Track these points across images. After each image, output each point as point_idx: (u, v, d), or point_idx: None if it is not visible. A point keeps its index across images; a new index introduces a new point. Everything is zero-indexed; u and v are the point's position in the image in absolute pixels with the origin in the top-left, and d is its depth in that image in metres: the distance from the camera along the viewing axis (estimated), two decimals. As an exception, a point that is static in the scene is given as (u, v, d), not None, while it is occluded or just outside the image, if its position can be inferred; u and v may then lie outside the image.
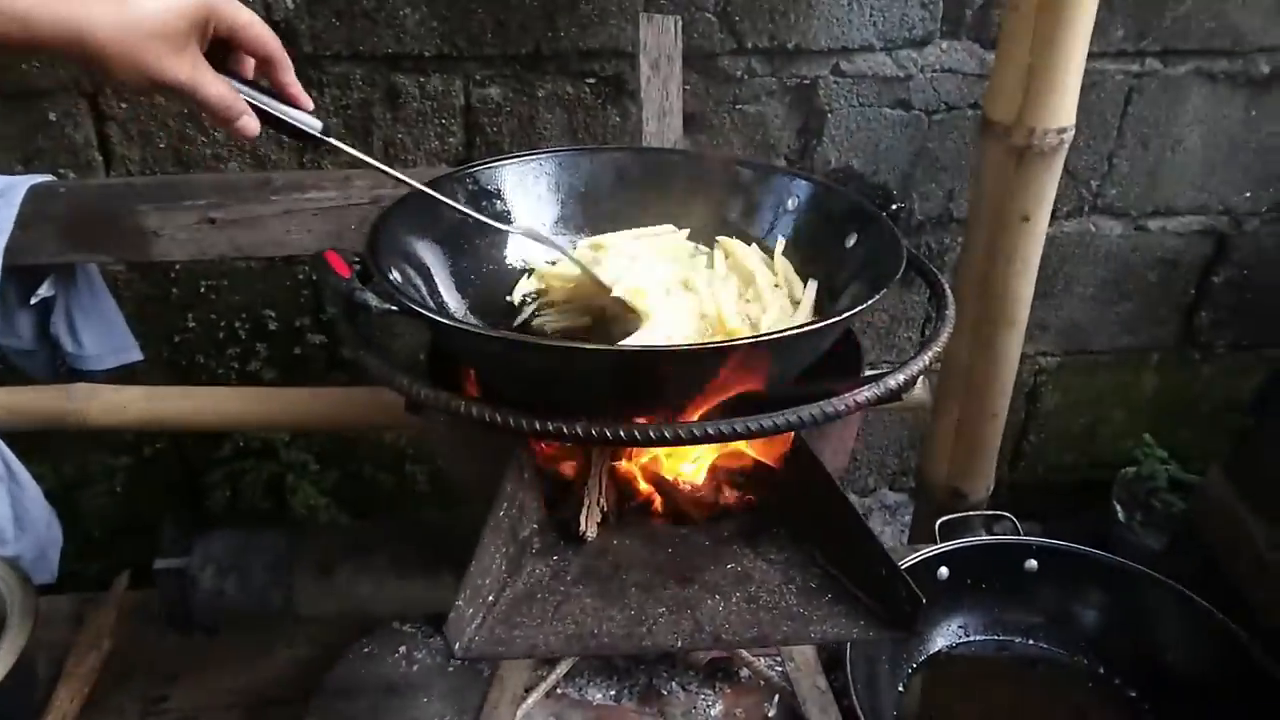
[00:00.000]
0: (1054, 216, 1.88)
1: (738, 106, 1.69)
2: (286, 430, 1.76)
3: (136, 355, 1.50)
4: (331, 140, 0.82)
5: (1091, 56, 1.69)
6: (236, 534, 1.09)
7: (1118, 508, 2.14)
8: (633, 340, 0.83)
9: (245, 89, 0.76)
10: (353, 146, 0.85)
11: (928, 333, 0.93)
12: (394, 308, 0.81)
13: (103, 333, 1.45)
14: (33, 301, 1.38)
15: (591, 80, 1.63)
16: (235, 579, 1.06)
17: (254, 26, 0.73)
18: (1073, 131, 1.23)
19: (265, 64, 0.77)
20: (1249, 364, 2.14)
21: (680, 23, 1.31)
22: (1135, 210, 1.92)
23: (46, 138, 1.57)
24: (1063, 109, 1.20)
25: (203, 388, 1.48)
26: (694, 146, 1.64)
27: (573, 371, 0.77)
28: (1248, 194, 1.93)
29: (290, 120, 0.79)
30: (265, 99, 0.78)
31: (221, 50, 0.74)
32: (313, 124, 0.81)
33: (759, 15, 1.61)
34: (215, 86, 0.71)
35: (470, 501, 0.99)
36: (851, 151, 1.75)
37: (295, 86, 0.79)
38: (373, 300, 0.80)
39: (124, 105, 1.55)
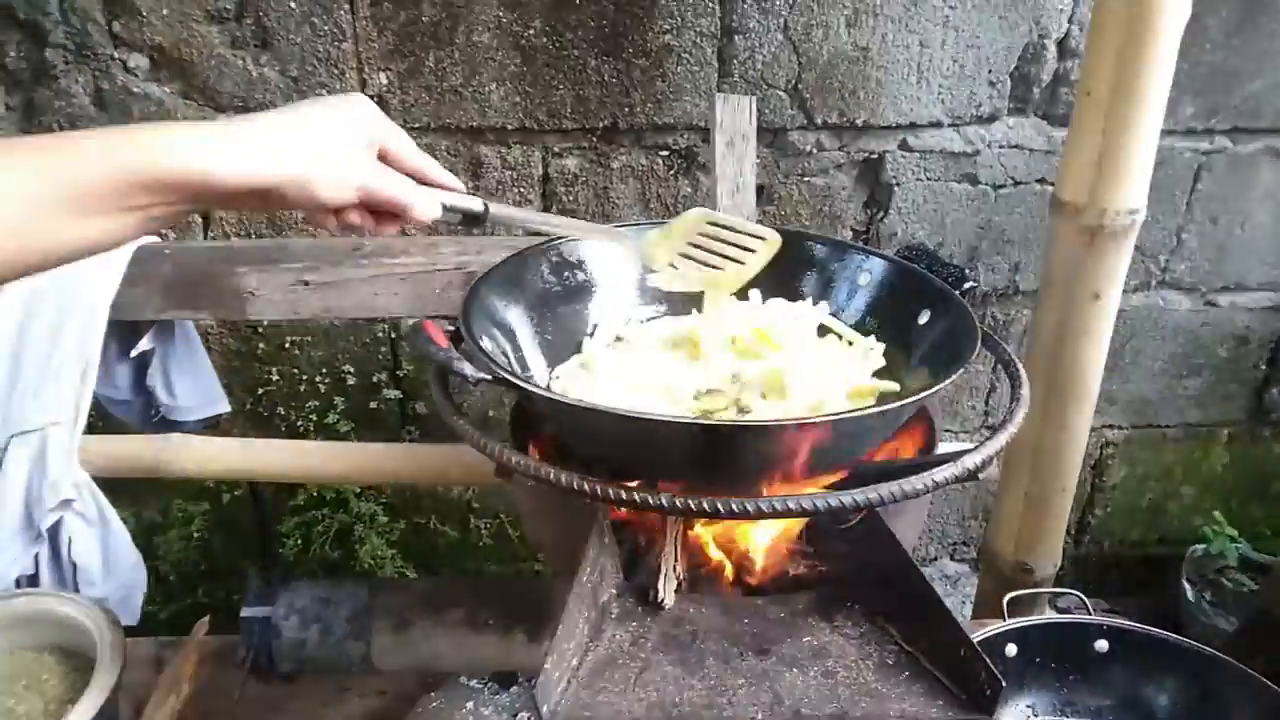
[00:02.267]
0: (1124, 291, 1.89)
1: (806, 179, 1.73)
2: (362, 483, 1.81)
3: (224, 408, 1.57)
4: (492, 211, 0.85)
5: (1161, 134, 1.72)
6: (319, 585, 1.14)
7: (1187, 586, 2.09)
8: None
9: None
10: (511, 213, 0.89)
11: (991, 402, 0.94)
12: (488, 377, 0.85)
13: (195, 386, 1.52)
14: (132, 355, 1.46)
15: (665, 153, 1.69)
16: (317, 629, 1.11)
17: (407, 146, 0.79)
18: (1144, 212, 1.25)
19: (419, 174, 0.81)
20: (1326, 440, 2.09)
21: (755, 102, 1.36)
22: (1204, 285, 1.92)
23: (150, 200, 1.66)
24: (1134, 191, 1.22)
25: (287, 441, 1.55)
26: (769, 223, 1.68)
27: (654, 440, 0.80)
28: (1320, 271, 1.91)
29: (458, 205, 0.82)
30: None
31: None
32: (474, 205, 0.84)
33: (829, 93, 1.66)
34: (394, 180, 0.75)
35: (548, 558, 1.02)
36: (918, 224, 1.78)
37: (451, 180, 0.83)
38: (469, 370, 0.84)
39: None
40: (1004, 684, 0.68)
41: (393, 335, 1.79)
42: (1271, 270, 1.90)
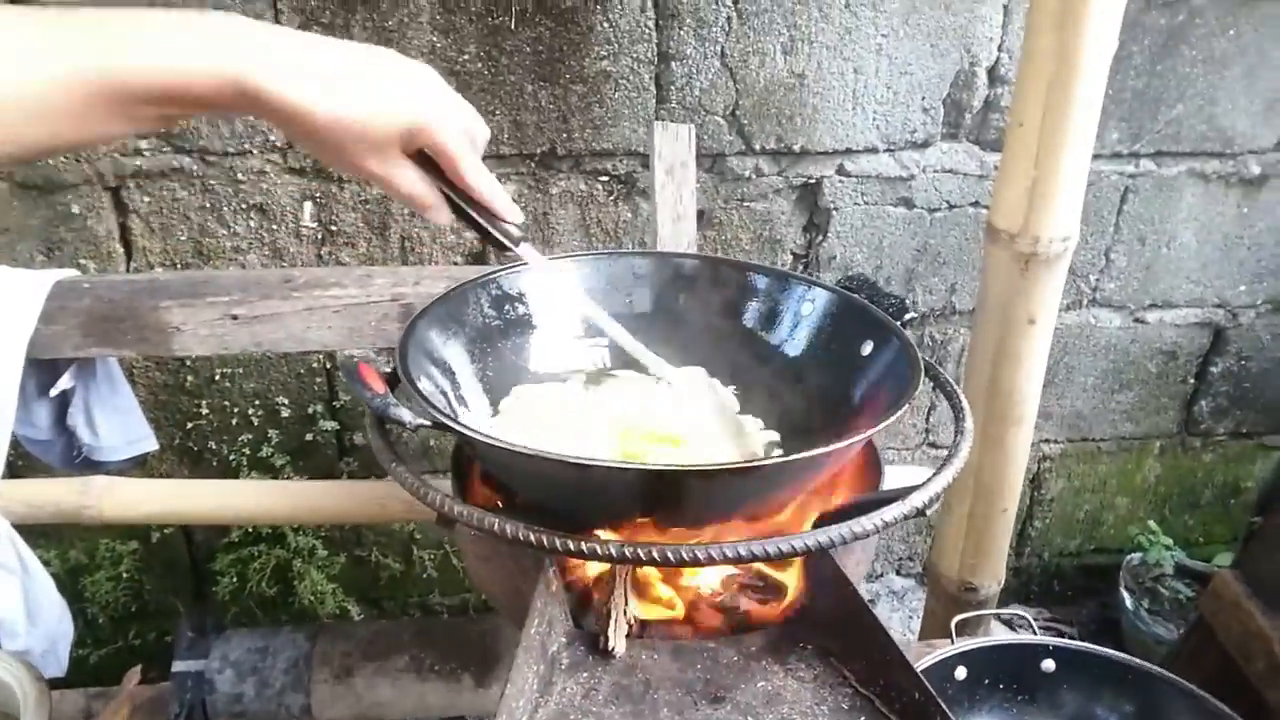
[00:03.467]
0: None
1: (745, 204, 1.74)
2: (298, 523, 1.76)
3: (152, 445, 1.50)
4: (519, 250, 0.84)
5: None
6: (255, 635, 1.09)
7: (1125, 595, 2.15)
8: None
9: (449, 189, 0.78)
10: (535, 254, 0.87)
11: (931, 420, 0.95)
12: (427, 423, 0.82)
13: (119, 424, 1.46)
14: (52, 394, 1.39)
15: (604, 178, 1.68)
16: (254, 682, 1.06)
17: (453, 157, 0.75)
18: (1076, 238, 1.27)
19: (462, 184, 0.78)
20: (1250, 451, 2.17)
21: (694, 130, 1.35)
22: (1133, 304, 1.97)
23: (69, 229, 1.60)
24: (1067, 218, 1.24)
25: (217, 481, 1.50)
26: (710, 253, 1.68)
27: (603, 486, 0.79)
28: (1242, 288, 1.98)
29: (486, 226, 0.81)
30: (465, 203, 0.80)
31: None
32: (513, 234, 0.83)
33: (766, 119, 1.66)
34: (405, 182, 0.74)
35: (495, 604, 0.99)
36: (856, 247, 1.80)
37: (501, 201, 0.81)
38: (406, 416, 0.81)
39: (147, 199, 1.59)
40: (956, 727, 0.68)
41: (327, 366, 1.75)
42: (1196, 288, 1.97)
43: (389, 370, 0.92)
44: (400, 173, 0.74)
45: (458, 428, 0.81)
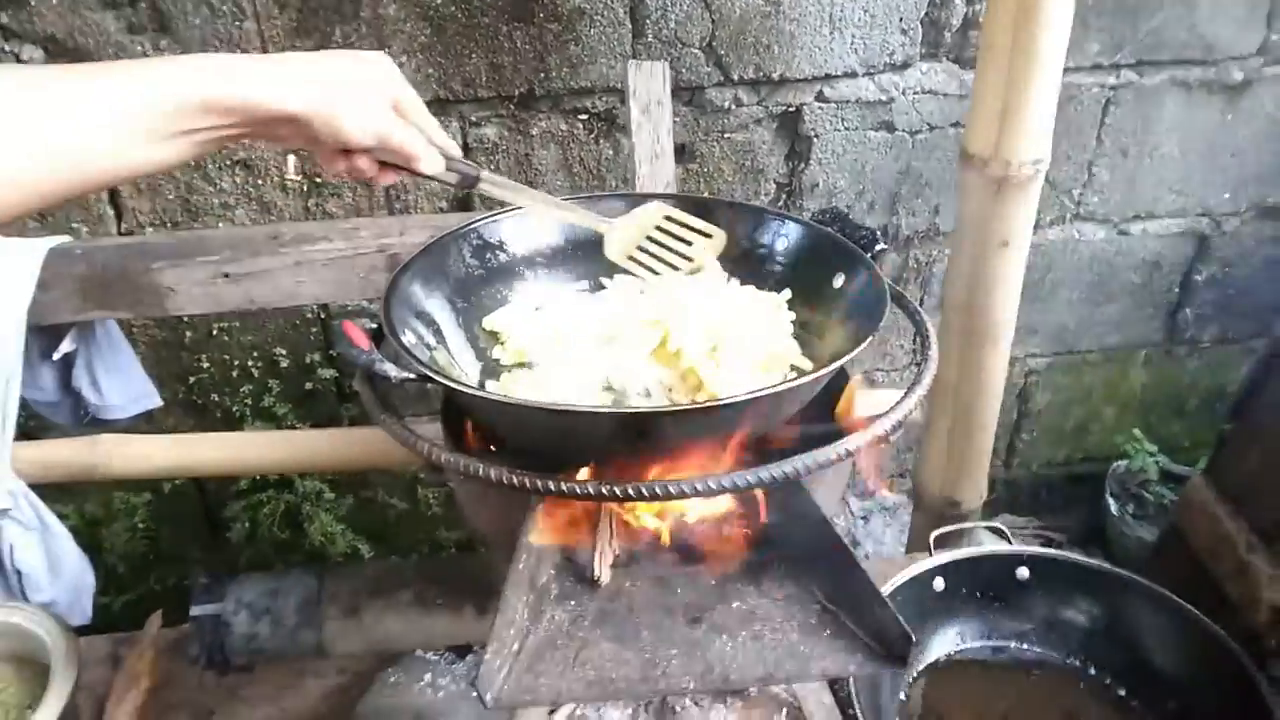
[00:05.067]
0: (1038, 225, 1.94)
1: (726, 135, 1.74)
2: (302, 471, 1.81)
3: (156, 401, 1.55)
4: (483, 177, 0.92)
5: (1068, 71, 1.76)
6: (267, 578, 1.16)
7: (1110, 501, 2.21)
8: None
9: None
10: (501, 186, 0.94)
11: (919, 341, 0.99)
12: (411, 376, 0.86)
13: (123, 383, 1.50)
14: (55, 357, 1.43)
15: (584, 117, 1.69)
16: (268, 622, 1.13)
17: (418, 105, 0.87)
18: (1048, 161, 1.28)
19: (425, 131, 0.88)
20: (1234, 357, 2.20)
21: (668, 68, 1.36)
22: (1116, 216, 1.98)
23: (59, 193, 1.62)
24: (1038, 141, 1.25)
25: (223, 434, 1.54)
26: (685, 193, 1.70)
27: (580, 430, 0.83)
28: (1226, 195, 1.99)
29: (459, 167, 0.90)
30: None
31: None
32: (471, 171, 0.92)
33: (744, 49, 1.66)
34: (407, 132, 0.84)
35: (488, 542, 1.05)
36: (839, 173, 1.81)
37: (451, 144, 0.91)
38: (391, 371, 0.85)
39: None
40: (915, 639, 0.73)
41: (322, 315, 1.78)
42: (1179, 198, 1.98)
43: (374, 326, 0.96)
44: (406, 130, 0.83)
45: (441, 380, 0.85)
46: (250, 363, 1.80)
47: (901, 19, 1.69)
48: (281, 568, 1.56)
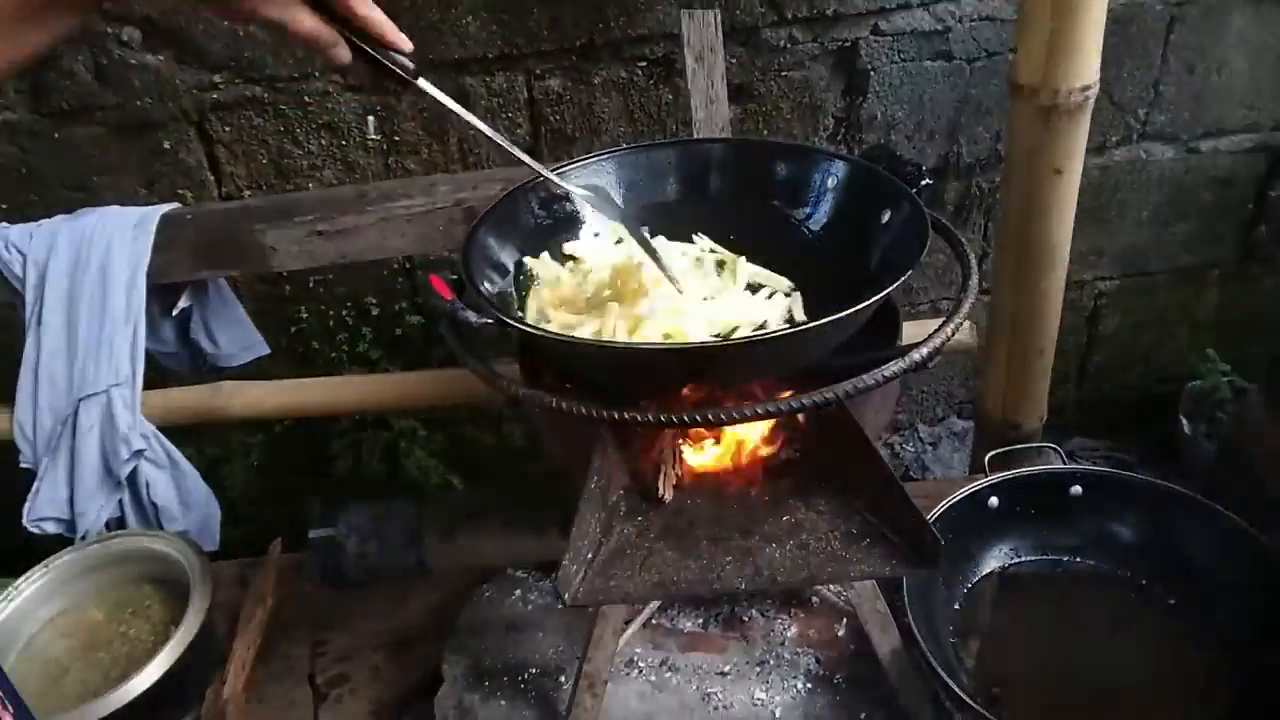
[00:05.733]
0: (1104, 147, 1.94)
1: (783, 74, 1.78)
2: (401, 410, 1.96)
3: (264, 349, 1.71)
4: (420, 83, 0.86)
5: (1130, -11, 1.74)
6: (373, 505, 1.30)
7: (1184, 421, 2.21)
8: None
9: (347, 33, 0.78)
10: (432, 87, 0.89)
11: (984, 266, 1.04)
12: (490, 321, 0.97)
13: (235, 334, 1.66)
14: (174, 313, 1.59)
15: (643, 64, 1.75)
16: (376, 543, 1.27)
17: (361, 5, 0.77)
18: (1097, 88, 1.30)
19: (351, 13, 0.78)
20: (1315, 269, 2.16)
21: (719, 16, 1.41)
22: (1185, 134, 1.96)
23: (163, 163, 1.76)
24: (1085, 68, 1.27)
25: (327, 379, 1.68)
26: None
27: (645, 364, 0.92)
28: (1301, 107, 1.94)
29: (383, 60, 0.82)
30: (360, 39, 0.79)
31: None
32: (408, 66, 0.84)
33: (797, -14, 1.69)
34: (305, 22, 0.75)
35: (564, 467, 1.16)
36: (896, 105, 1.84)
37: (392, 32, 0.81)
38: (473, 317, 0.96)
39: (228, 128, 1.74)
40: (943, 542, 0.81)
41: (407, 266, 1.91)
42: (1250, 113, 1.94)
43: (455, 278, 1.06)
44: (298, 13, 0.74)
45: (516, 325, 0.95)
46: (344, 312, 1.94)
47: (957, -54, 1.69)
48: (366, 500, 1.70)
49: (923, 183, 1.15)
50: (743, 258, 1.15)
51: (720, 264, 1.16)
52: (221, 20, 0.71)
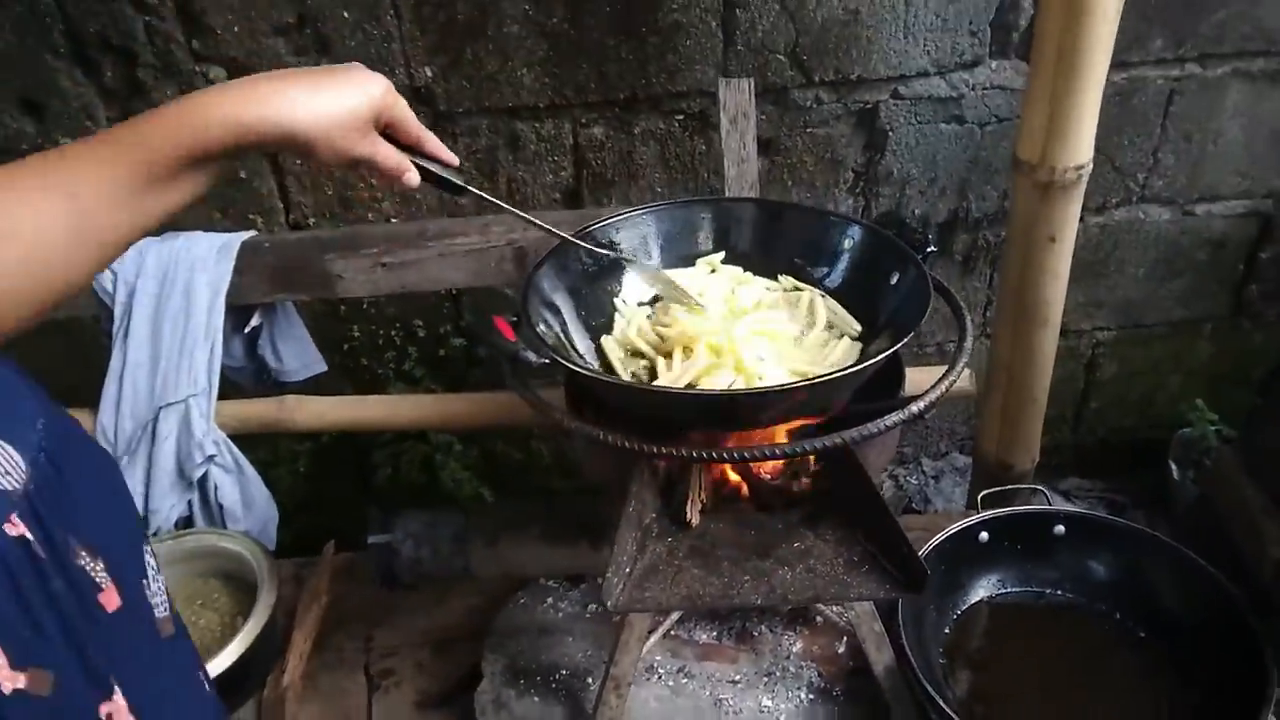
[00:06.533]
0: (1104, 207, 2.09)
1: (809, 130, 1.94)
2: (445, 430, 2.11)
3: (322, 367, 1.86)
4: (472, 189, 1.02)
5: (1132, 66, 1.90)
6: (425, 514, 1.44)
7: (1173, 466, 2.34)
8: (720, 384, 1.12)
9: (408, 154, 0.94)
10: (487, 194, 1.07)
11: (988, 314, 1.19)
12: (547, 361, 1.12)
13: (298, 352, 1.81)
14: (246, 331, 1.75)
15: (680, 117, 1.90)
16: (428, 549, 1.41)
17: (410, 122, 0.92)
18: (1090, 168, 1.45)
19: (418, 143, 0.95)
20: (1297, 329, 2.29)
21: (753, 84, 1.56)
22: (1181, 198, 2.10)
23: (237, 191, 1.93)
24: (1080, 150, 1.42)
25: (382, 397, 1.84)
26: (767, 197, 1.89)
27: (680, 407, 1.07)
28: (1291, 178, 2.07)
29: (441, 174, 0.98)
30: (422, 160, 0.97)
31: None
32: (458, 179, 1.00)
33: (825, 53, 1.84)
34: (391, 157, 0.90)
35: (603, 489, 1.30)
36: (911, 163, 1.98)
37: (444, 153, 0.98)
38: (533, 358, 1.11)
39: (298, 162, 1.90)
40: (928, 572, 0.96)
41: (453, 293, 2.06)
42: (1244, 180, 2.08)
43: (514, 320, 1.21)
44: (382, 147, 0.88)
45: (572, 366, 1.10)
46: (393, 333, 2.10)
47: (971, 22, 1.84)
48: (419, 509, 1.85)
49: (928, 249, 1.30)
50: (822, 295, 1.28)
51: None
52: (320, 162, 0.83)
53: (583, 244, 1.26)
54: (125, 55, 1.77)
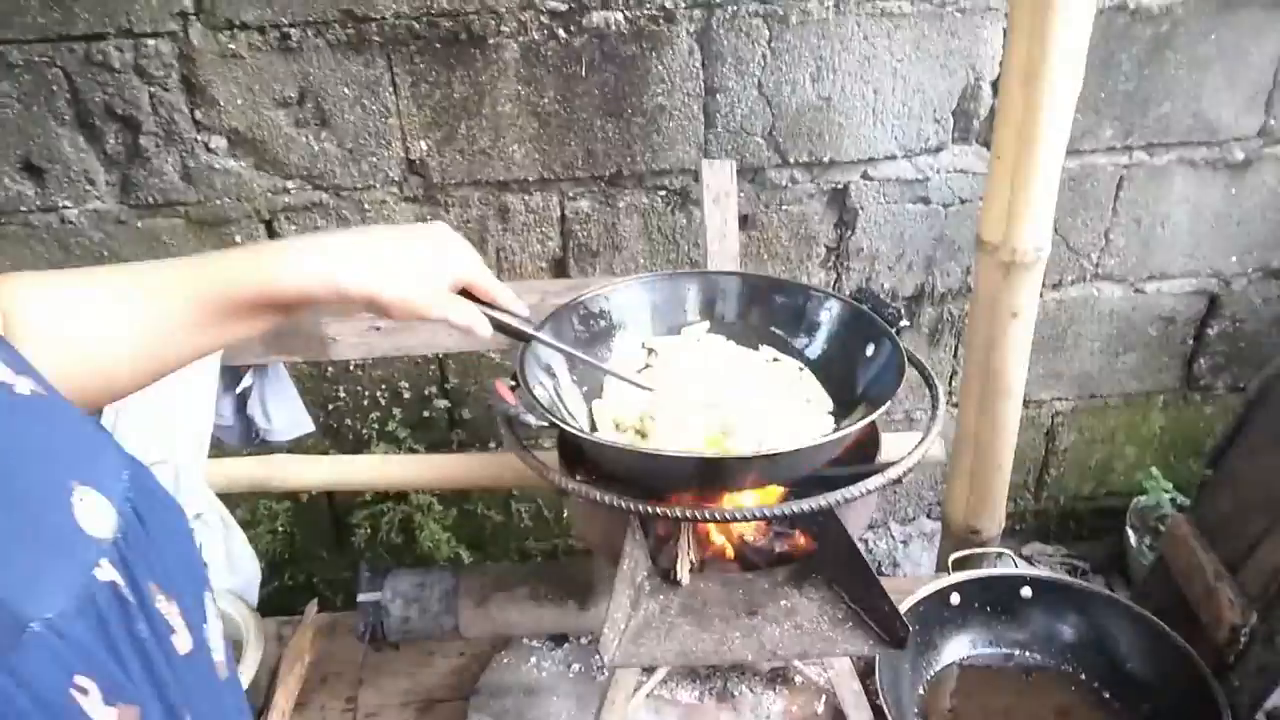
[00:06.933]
0: (1060, 284, 2.20)
1: (784, 207, 2.04)
2: (430, 489, 2.14)
3: (310, 427, 1.89)
4: (539, 336, 1.08)
5: (1085, 153, 2.03)
6: (415, 573, 1.47)
7: (1130, 533, 2.43)
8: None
9: (478, 305, 0.99)
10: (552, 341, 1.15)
11: (954, 384, 1.26)
12: (546, 424, 1.17)
13: (287, 412, 1.85)
14: (237, 391, 1.78)
15: (663, 192, 2.00)
16: (417, 608, 1.44)
17: (484, 280, 0.96)
18: (1049, 249, 1.55)
19: (492, 301, 0.99)
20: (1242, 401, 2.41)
21: (734, 165, 1.66)
22: (1132, 276, 2.22)
23: (231, 253, 1.97)
24: (1039, 232, 1.52)
25: (370, 456, 1.87)
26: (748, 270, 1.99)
27: (673, 469, 1.13)
28: (1233, 258, 2.21)
29: (513, 324, 1.02)
30: (493, 312, 1.00)
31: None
32: (527, 328, 1.04)
33: (799, 136, 1.95)
34: (466, 315, 0.94)
35: (594, 548, 1.35)
36: (880, 240, 2.09)
37: (515, 305, 1.01)
38: (532, 420, 1.16)
39: (294, 227, 1.96)
40: (911, 629, 1.01)
41: (439, 355, 2.11)
42: (1191, 260, 2.21)
43: (514, 384, 1.27)
44: (459, 307, 0.93)
45: (569, 429, 1.15)
46: (378, 393, 2.14)
47: (935, 111, 1.97)
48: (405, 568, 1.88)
49: (901, 324, 1.38)
50: (801, 367, 1.35)
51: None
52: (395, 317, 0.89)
53: (559, 346, 1.24)
54: (129, 124, 1.83)
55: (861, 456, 1.34)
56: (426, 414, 2.17)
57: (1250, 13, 1.93)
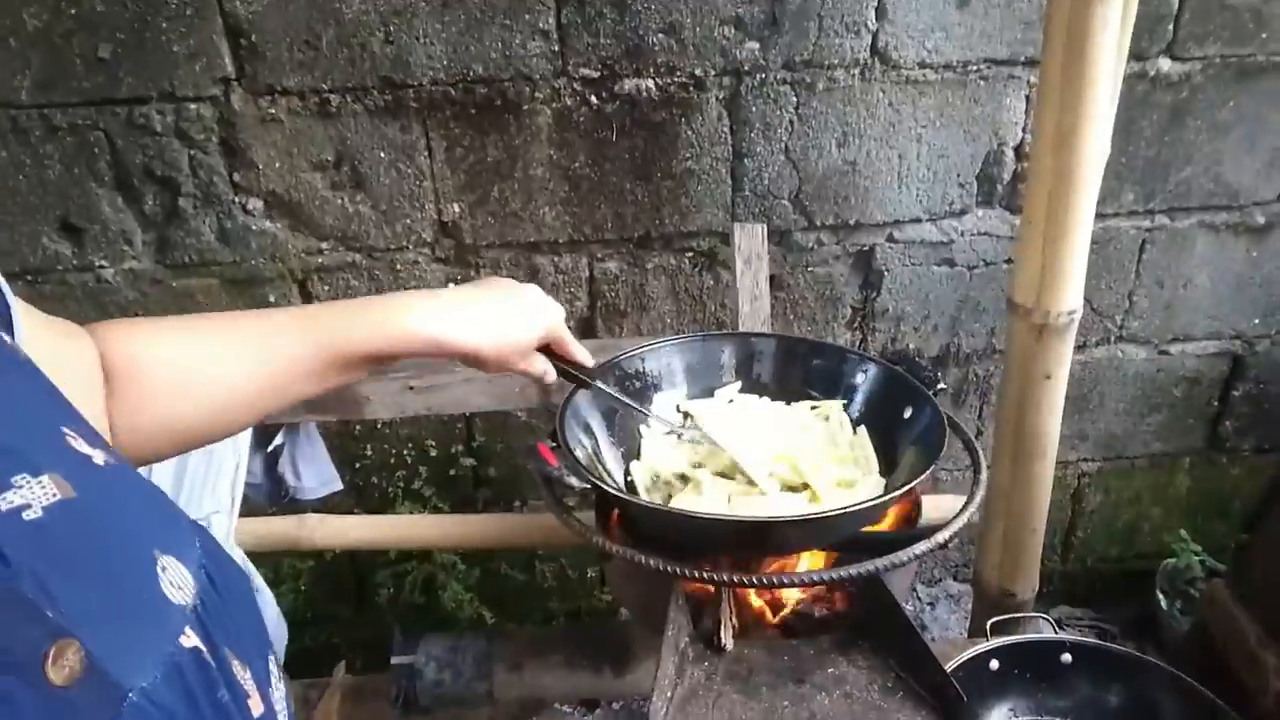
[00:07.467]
0: (1085, 346, 2.21)
1: (810, 269, 2.06)
2: (460, 549, 2.13)
3: (339, 485, 1.89)
4: (598, 384, 1.18)
5: (1107, 217, 2.06)
6: (449, 636, 1.46)
7: (1160, 596, 2.40)
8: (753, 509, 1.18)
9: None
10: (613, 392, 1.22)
11: (982, 440, 1.26)
12: (588, 486, 1.17)
13: (317, 471, 1.85)
14: (269, 450, 1.79)
15: (690, 254, 2.02)
16: (450, 672, 1.43)
17: (567, 343, 1.08)
18: (1080, 311, 1.56)
19: (567, 356, 1.10)
20: (1272, 464, 2.40)
21: (765, 228, 1.68)
22: (1156, 338, 2.23)
23: (263, 312, 2.00)
24: (1071, 295, 1.53)
25: (399, 517, 1.87)
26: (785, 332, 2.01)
27: (711, 530, 1.12)
28: (1256, 320, 2.22)
29: (575, 373, 1.13)
30: (564, 364, 1.12)
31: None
32: (590, 377, 1.16)
33: (825, 200, 1.98)
34: (543, 368, 1.07)
35: (632, 612, 1.33)
36: (905, 301, 2.11)
37: (582, 358, 1.12)
38: (575, 483, 1.16)
39: (327, 288, 1.98)
40: (966, 700, 1.00)
41: (467, 414, 2.12)
42: (1213, 322, 2.22)
43: (554, 445, 1.27)
44: (538, 362, 1.06)
45: (611, 491, 1.15)
46: (405, 452, 2.14)
47: (959, 175, 2.00)
48: (419, 630, 1.86)
49: (939, 386, 1.38)
50: (862, 427, 1.36)
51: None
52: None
53: (636, 406, 1.31)
54: (168, 185, 1.86)
55: (901, 519, 1.34)
56: (452, 472, 2.17)
57: (1269, 79, 1.96)
